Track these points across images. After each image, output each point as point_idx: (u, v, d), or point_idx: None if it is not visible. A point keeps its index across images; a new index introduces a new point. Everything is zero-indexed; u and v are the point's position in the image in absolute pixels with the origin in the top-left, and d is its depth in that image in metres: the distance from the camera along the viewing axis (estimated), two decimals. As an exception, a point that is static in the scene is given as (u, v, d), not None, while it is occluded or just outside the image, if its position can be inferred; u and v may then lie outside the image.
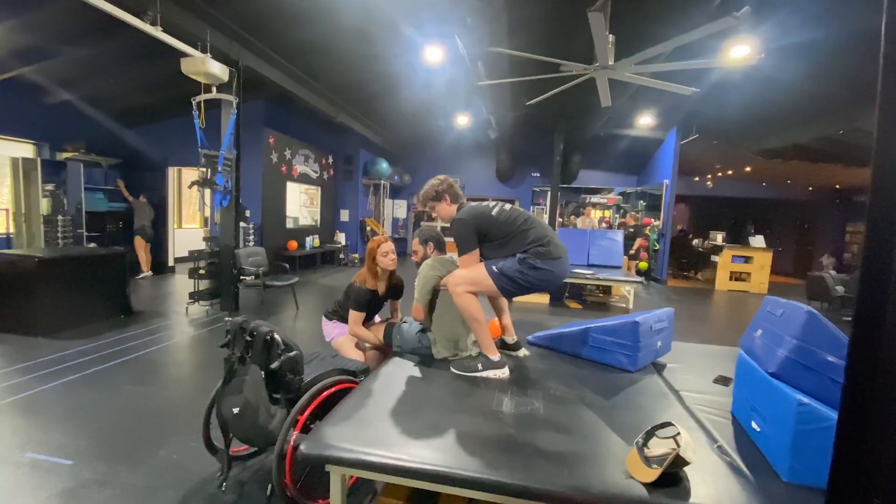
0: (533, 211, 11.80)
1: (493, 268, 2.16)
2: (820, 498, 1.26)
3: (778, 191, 13.70)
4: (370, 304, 2.70)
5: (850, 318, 0.86)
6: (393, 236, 12.35)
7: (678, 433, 1.36)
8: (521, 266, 2.14)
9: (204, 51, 4.61)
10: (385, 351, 2.75)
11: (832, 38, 4.76)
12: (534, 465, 1.41)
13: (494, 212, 2.26)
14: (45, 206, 6.45)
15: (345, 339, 2.75)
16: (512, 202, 2.60)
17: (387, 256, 2.68)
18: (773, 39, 4.70)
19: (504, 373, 2.18)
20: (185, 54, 4.46)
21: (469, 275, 2.20)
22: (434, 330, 2.38)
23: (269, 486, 1.91)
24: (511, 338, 2.55)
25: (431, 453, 1.47)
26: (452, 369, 2.21)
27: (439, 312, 2.36)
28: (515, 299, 6.90)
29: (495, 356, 2.20)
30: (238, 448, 2.17)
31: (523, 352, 2.53)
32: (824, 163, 9.81)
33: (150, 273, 7.57)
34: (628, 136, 10.35)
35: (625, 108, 7.79)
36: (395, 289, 2.87)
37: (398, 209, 12.83)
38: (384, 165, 11.11)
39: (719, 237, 10.66)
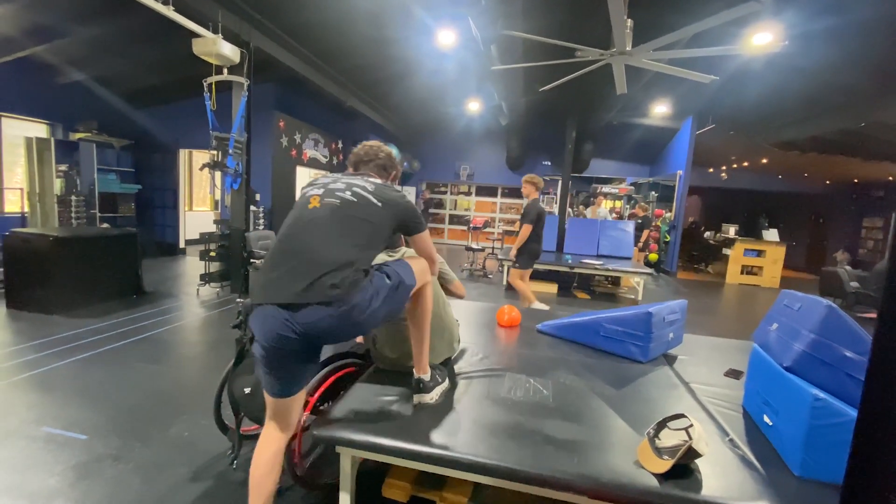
0: (542, 200, 11.58)
1: None
2: (831, 493, 1.25)
3: (793, 184, 13.42)
4: None
5: (864, 315, 0.84)
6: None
7: (691, 425, 1.35)
8: None
9: (215, 31, 4.57)
10: None
11: (857, 24, 4.60)
12: (543, 453, 1.41)
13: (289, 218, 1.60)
14: (58, 186, 6.52)
15: None
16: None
17: None
18: (795, 25, 4.54)
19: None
20: (196, 35, 4.43)
21: None
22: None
23: (279, 466, 1.95)
24: (419, 372, 1.72)
25: (440, 438, 1.48)
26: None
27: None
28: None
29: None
30: (249, 427, 2.20)
31: (420, 398, 1.69)
32: (843, 156, 9.59)
33: None
34: (642, 126, 10.16)
35: (639, 96, 7.63)
36: None
37: (407, 195, 12.79)
38: (394, 151, 11.06)
39: (732, 230, 10.48)
